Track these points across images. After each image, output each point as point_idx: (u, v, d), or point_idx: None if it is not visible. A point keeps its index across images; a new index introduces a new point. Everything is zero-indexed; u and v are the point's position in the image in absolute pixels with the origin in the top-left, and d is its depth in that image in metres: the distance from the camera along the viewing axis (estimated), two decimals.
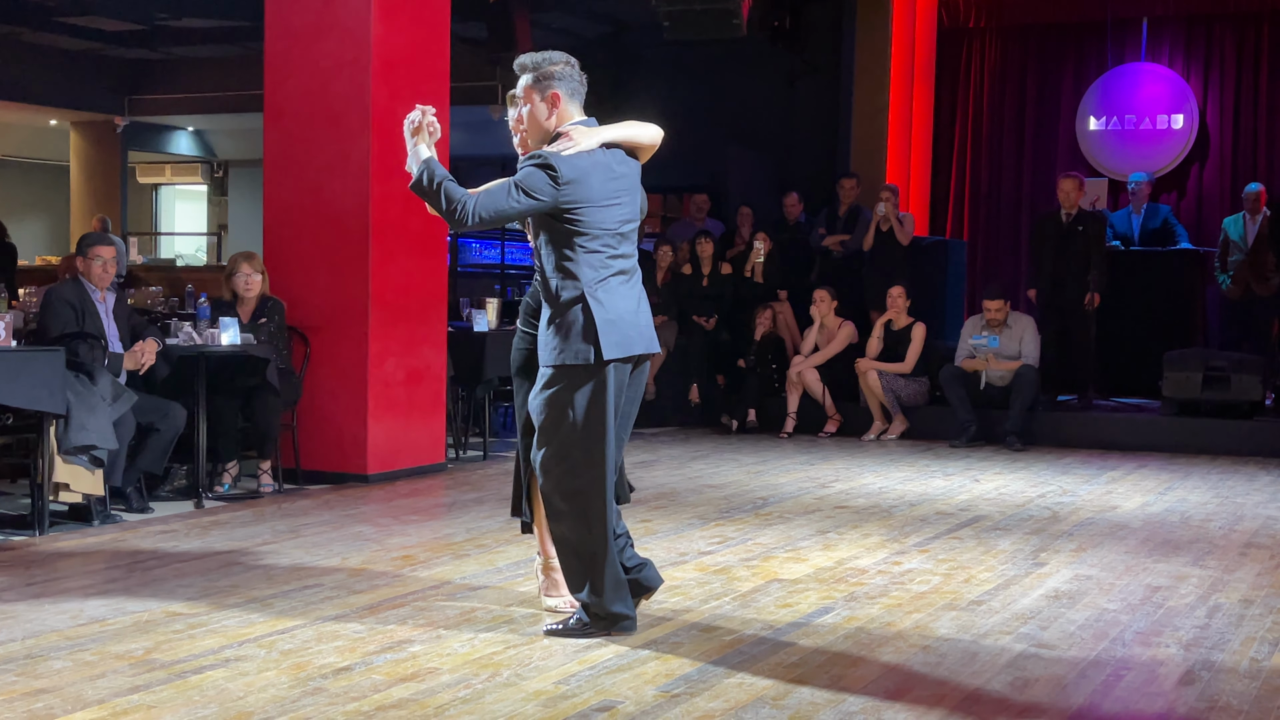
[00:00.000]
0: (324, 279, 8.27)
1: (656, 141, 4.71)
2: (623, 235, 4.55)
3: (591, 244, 4.46)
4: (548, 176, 4.38)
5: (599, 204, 4.46)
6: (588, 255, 4.46)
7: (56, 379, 6.30)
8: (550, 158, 4.40)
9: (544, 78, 4.55)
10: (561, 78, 4.56)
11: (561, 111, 4.56)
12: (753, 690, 4.06)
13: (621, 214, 4.54)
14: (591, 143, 4.49)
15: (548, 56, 4.59)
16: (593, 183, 4.45)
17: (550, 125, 4.56)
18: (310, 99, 8.29)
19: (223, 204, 22.34)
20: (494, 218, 4.42)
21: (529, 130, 4.63)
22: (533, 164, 4.42)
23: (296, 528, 6.69)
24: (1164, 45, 13.70)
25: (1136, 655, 4.54)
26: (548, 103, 4.55)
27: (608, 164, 4.52)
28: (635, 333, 4.52)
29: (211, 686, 4.01)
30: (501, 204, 4.38)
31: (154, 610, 4.94)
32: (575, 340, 4.43)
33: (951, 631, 4.80)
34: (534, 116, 4.58)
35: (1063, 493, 8.19)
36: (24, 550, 6.06)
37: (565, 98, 4.56)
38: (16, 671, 4.14)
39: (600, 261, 4.48)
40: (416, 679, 4.12)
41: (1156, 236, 12.14)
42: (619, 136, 4.59)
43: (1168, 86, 13.59)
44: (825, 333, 11.11)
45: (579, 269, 4.45)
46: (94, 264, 7.17)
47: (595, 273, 4.46)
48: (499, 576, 5.58)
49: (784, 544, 6.41)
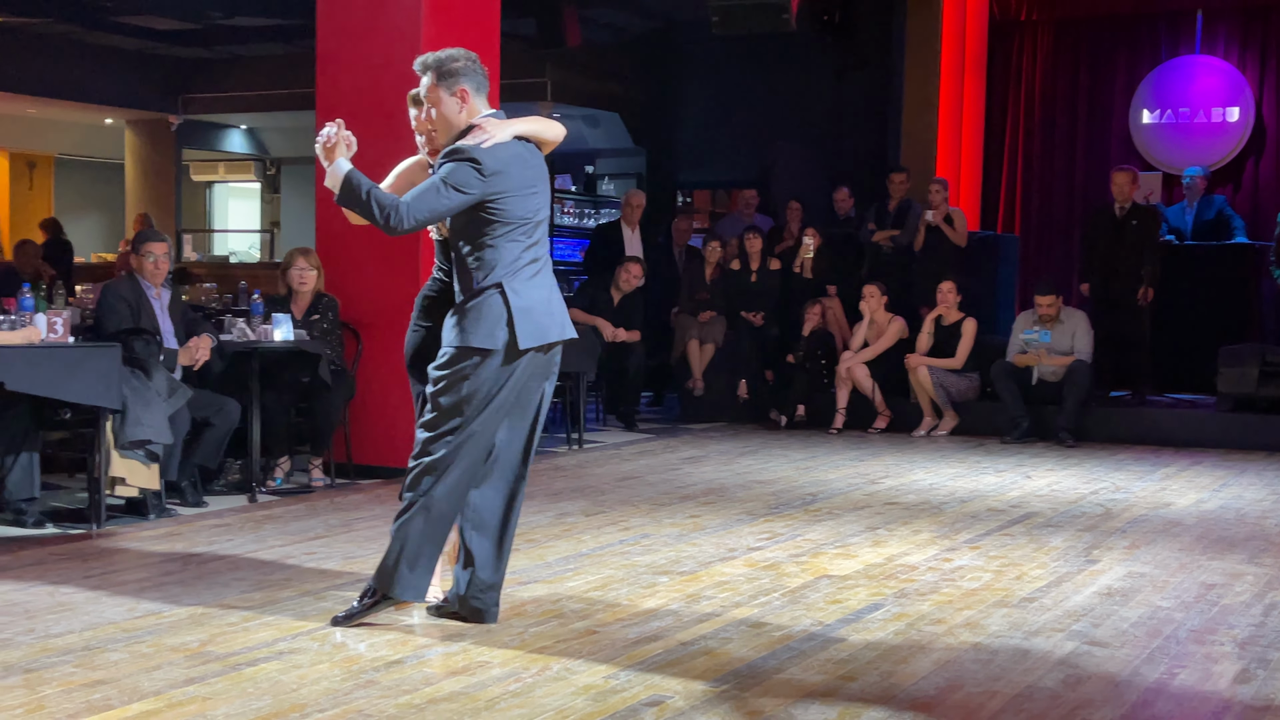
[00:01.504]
0: (376, 276, 8.32)
1: (559, 139, 4.79)
2: (537, 224, 4.60)
3: (509, 233, 4.50)
4: (474, 170, 4.41)
5: (519, 193, 4.51)
6: (506, 244, 4.50)
7: (113, 375, 6.37)
8: (472, 151, 4.43)
9: (448, 74, 4.57)
10: (465, 73, 4.59)
11: (470, 106, 4.59)
12: (802, 687, 4.06)
13: (537, 203, 4.59)
14: (506, 134, 4.53)
15: (449, 54, 4.60)
16: (513, 173, 4.49)
17: (461, 120, 4.59)
18: (361, 96, 8.34)
19: (275, 201, 22.50)
20: (429, 218, 4.46)
21: (439, 128, 4.65)
22: (455, 159, 4.44)
23: (348, 522, 6.74)
24: (1219, 37, 13.52)
25: (1190, 653, 4.50)
26: (456, 98, 4.58)
27: (523, 154, 4.57)
28: (549, 320, 4.58)
29: (265, 679, 4.05)
30: (433, 203, 4.42)
31: (209, 603, 4.99)
32: (487, 325, 4.46)
33: (1003, 629, 4.77)
34: (444, 114, 4.60)
35: (1116, 489, 8.13)
36: (81, 543, 6.14)
37: (472, 92, 4.59)
38: (75, 663, 4.20)
39: (516, 251, 4.52)
40: (467, 672, 4.14)
41: (1211, 230, 12.01)
42: (528, 130, 4.64)
43: (1223, 79, 13.41)
44: (875, 328, 11.07)
45: (496, 257, 4.49)
46: (146, 260, 7.25)
47: (511, 262, 4.51)
48: (548, 571, 5.60)
49: (833, 540, 6.40)
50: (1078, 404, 10.36)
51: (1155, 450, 10.07)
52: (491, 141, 4.48)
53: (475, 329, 4.48)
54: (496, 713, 3.76)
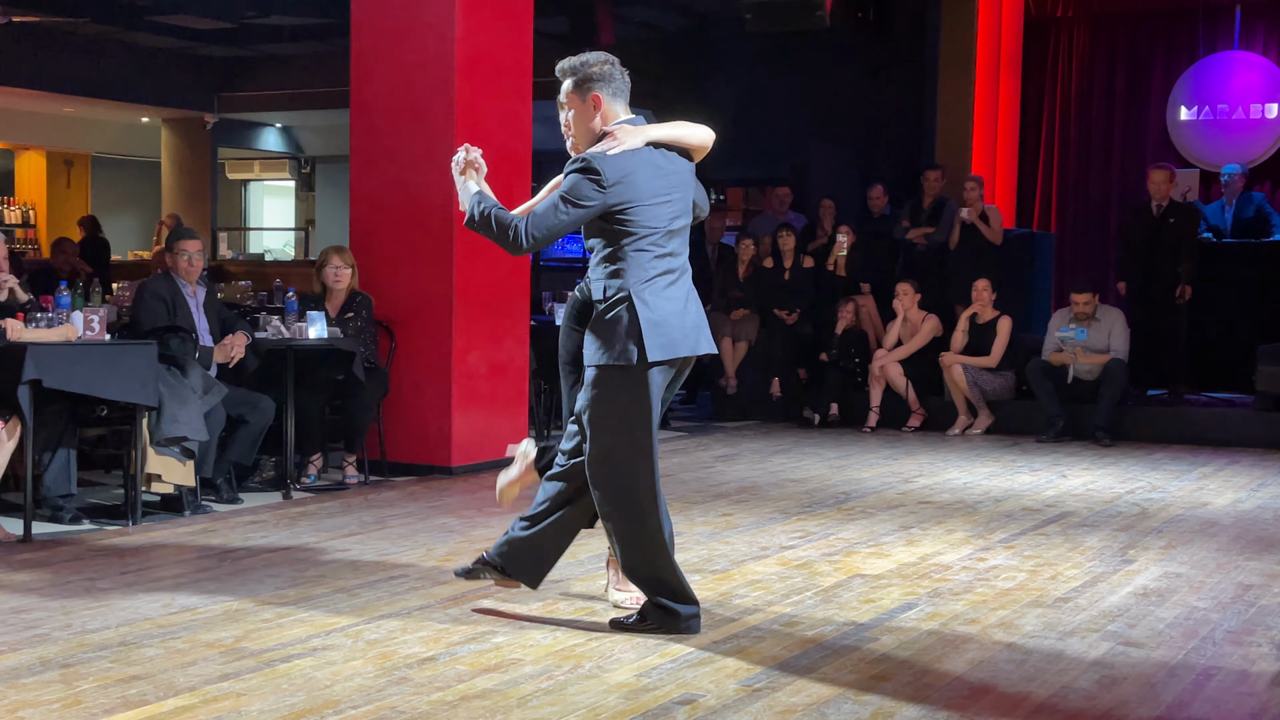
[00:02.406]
0: (409, 273, 8.35)
1: (707, 143, 4.65)
2: (672, 233, 4.48)
3: (639, 243, 4.41)
4: (591, 182, 4.35)
5: (646, 202, 4.41)
6: (635, 254, 4.42)
7: (149, 372, 6.42)
8: (593, 160, 4.37)
9: (584, 81, 4.52)
10: (602, 78, 4.52)
11: (605, 112, 4.53)
12: (834, 686, 4.05)
13: (671, 211, 4.48)
14: (636, 141, 4.44)
15: (585, 60, 4.55)
16: (639, 181, 4.40)
17: (596, 127, 4.52)
18: (396, 95, 8.38)
19: (310, 199, 22.61)
20: (547, 235, 4.37)
21: (576, 134, 4.60)
22: (575, 170, 4.39)
23: (382, 519, 6.77)
24: (1258, 33, 13.42)
25: (1227, 655, 4.47)
26: (590, 105, 4.53)
27: (654, 161, 4.47)
28: (680, 334, 4.46)
29: (299, 675, 4.07)
30: (551, 221, 4.36)
31: (243, 600, 5.02)
32: (619, 341, 4.39)
33: (1037, 629, 4.75)
34: (579, 120, 4.56)
35: (1152, 489, 8.07)
36: (118, 539, 6.19)
37: (608, 99, 4.52)
38: (111, 658, 4.23)
39: (647, 261, 4.43)
40: (500, 669, 4.15)
41: (1250, 227, 11.91)
42: (665, 135, 4.53)
43: (1262, 75, 13.31)
44: (909, 326, 11.03)
45: (626, 268, 4.42)
46: (180, 258, 7.30)
47: (642, 272, 4.42)
48: (581, 569, 5.61)
49: (866, 539, 6.38)
50: (1114, 403, 10.29)
51: (1192, 449, 9.99)
52: (618, 149, 4.40)
53: (607, 345, 4.41)
54: (529, 710, 3.77)
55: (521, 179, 8.77)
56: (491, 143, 8.46)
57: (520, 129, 8.73)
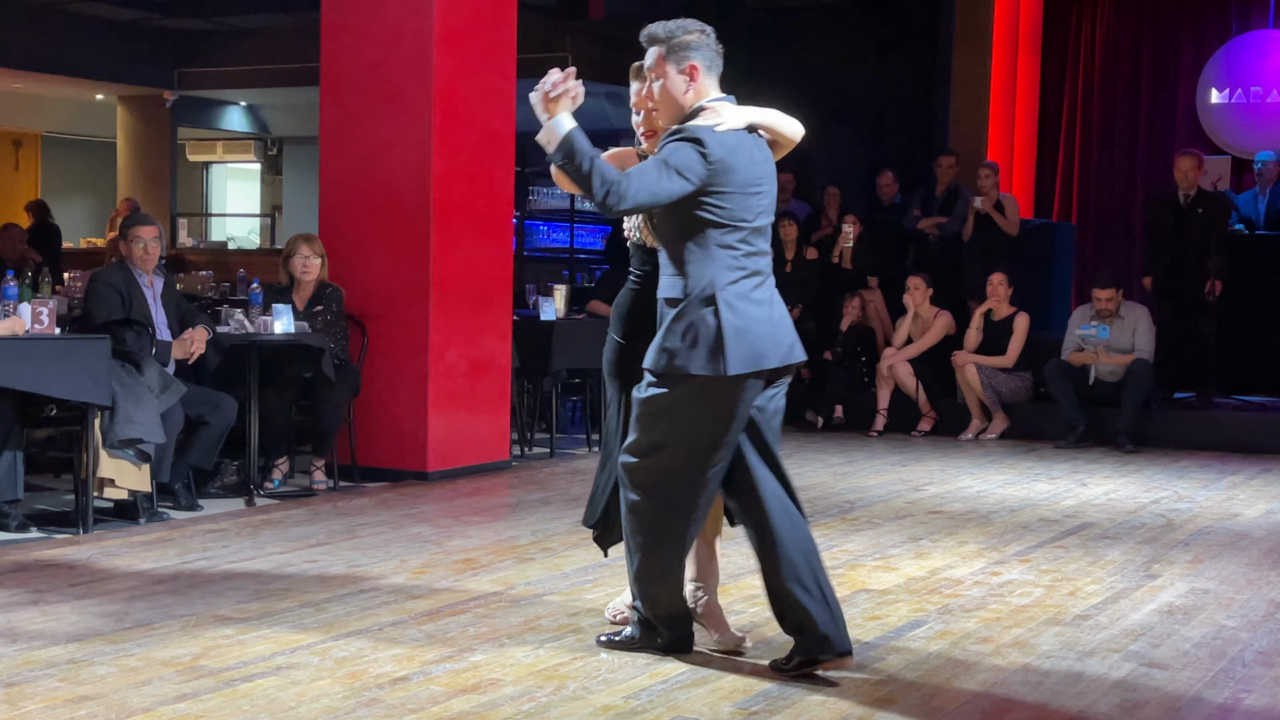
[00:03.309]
0: (382, 263, 8.35)
1: (796, 138, 4.46)
2: (757, 229, 4.28)
3: (727, 238, 4.20)
4: (699, 154, 4.13)
5: (741, 190, 4.21)
6: (722, 251, 4.21)
7: (102, 368, 6.41)
8: (698, 131, 4.17)
9: (679, 48, 4.31)
10: (698, 47, 4.33)
11: (699, 86, 4.32)
12: (836, 710, 4.05)
13: (761, 204, 4.28)
14: (739, 121, 4.26)
15: (681, 24, 4.34)
16: (738, 165, 4.20)
17: (688, 101, 4.32)
18: (369, 72, 8.37)
19: (277, 183, 22.60)
20: (649, 201, 4.12)
21: (661, 107, 4.38)
22: (678, 139, 4.18)
23: (352, 528, 6.77)
24: None
25: (1258, 678, 4.48)
26: (685, 75, 4.31)
27: (751, 148, 4.28)
28: (769, 344, 4.25)
29: (262, 695, 4.07)
30: (654, 185, 4.10)
31: (202, 614, 5.01)
32: (699, 347, 4.16)
33: (1054, 649, 4.76)
34: (668, 91, 4.33)
35: (1178, 499, 8.09)
36: (68, 549, 6.17)
37: (703, 70, 4.33)
38: (59, 677, 4.22)
39: (735, 260, 4.22)
40: (477, 690, 4.15)
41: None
42: (766, 121, 4.36)
43: None
44: (920, 323, 11.05)
45: (710, 266, 4.20)
46: (135, 246, 7.28)
47: (728, 272, 4.21)
48: (565, 582, 5.61)
49: (872, 551, 6.39)
50: (1138, 406, 10.32)
51: (1221, 457, 10.02)
52: (724, 127, 4.22)
53: (683, 351, 4.18)
54: None
55: (505, 162, 8.78)
56: (472, 123, 8.50)
57: (503, 108, 8.73)
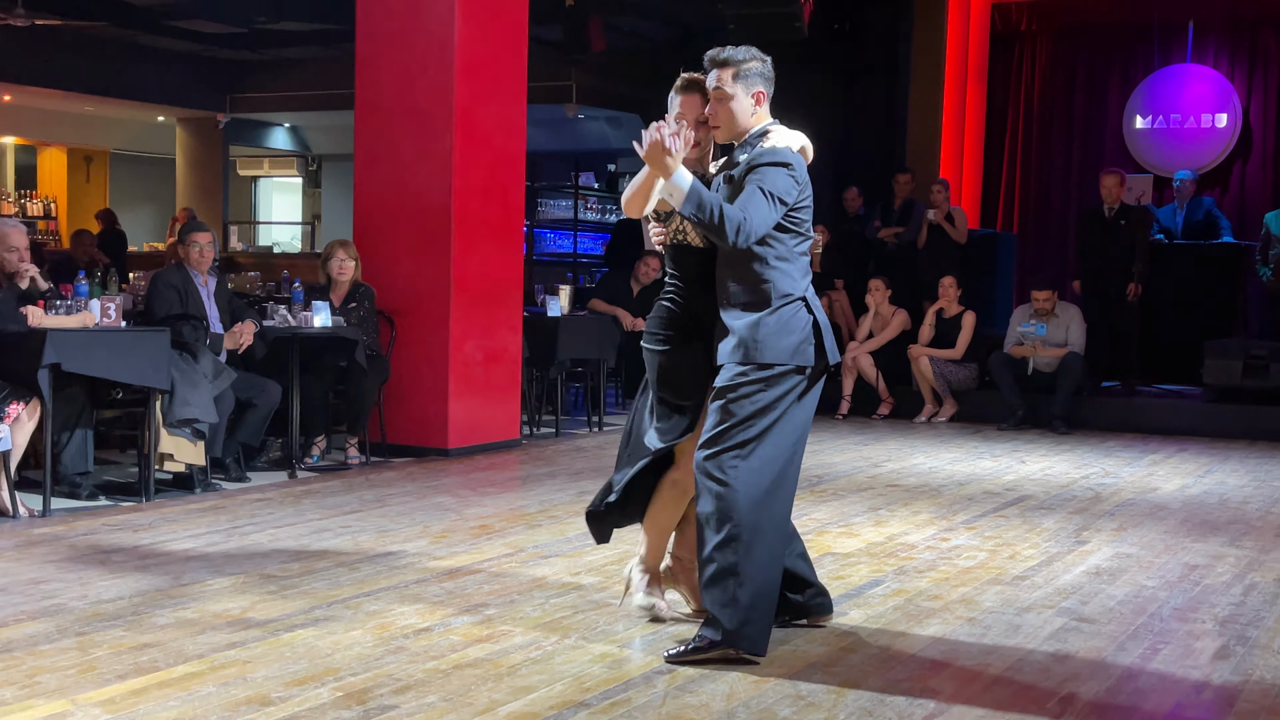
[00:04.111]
0: (409, 266, 8.33)
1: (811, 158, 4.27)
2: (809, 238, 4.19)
3: (800, 245, 4.09)
4: (790, 178, 4.00)
5: (809, 204, 4.11)
6: (798, 255, 4.08)
7: (162, 357, 6.39)
8: (786, 155, 4.03)
9: (750, 73, 4.12)
10: (764, 75, 4.15)
11: (761, 111, 4.17)
12: (806, 657, 4.05)
13: (811, 216, 4.17)
14: (797, 143, 4.14)
15: (753, 52, 4.15)
16: (807, 182, 4.09)
17: (752, 122, 4.14)
18: (398, 98, 8.35)
19: (316, 195, 22.53)
20: (765, 232, 3.95)
21: (725, 125, 4.15)
22: (771, 164, 4.00)
23: (382, 498, 6.76)
24: (1209, 47, 13.43)
25: (1173, 630, 4.48)
26: (754, 99, 4.13)
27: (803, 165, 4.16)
28: (831, 340, 4.15)
29: (302, 644, 4.06)
30: (769, 215, 3.94)
31: (249, 573, 5.01)
32: (797, 341, 4.02)
33: (996, 604, 4.76)
34: (737, 112, 4.12)
35: (1105, 474, 8.09)
36: (132, 515, 6.17)
37: (767, 96, 4.18)
38: (124, 627, 4.22)
39: (804, 265, 4.12)
40: (491, 640, 4.15)
41: (1200, 230, 11.93)
42: (805, 145, 4.19)
43: (1212, 86, 13.32)
44: (879, 320, 11.04)
45: (793, 270, 4.06)
46: (192, 249, 7.27)
47: (804, 276, 4.11)
48: (569, 546, 5.61)
49: (837, 519, 6.39)
50: (1070, 393, 10.32)
51: (1143, 438, 10.02)
52: (796, 148, 4.10)
53: (787, 347, 4.00)
54: (518, 678, 3.77)
55: (517, 177, 8.76)
56: (489, 144, 8.47)
57: (516, 130, 8.71)
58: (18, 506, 6.04)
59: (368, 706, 3.50)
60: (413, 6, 8.28)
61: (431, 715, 3.44)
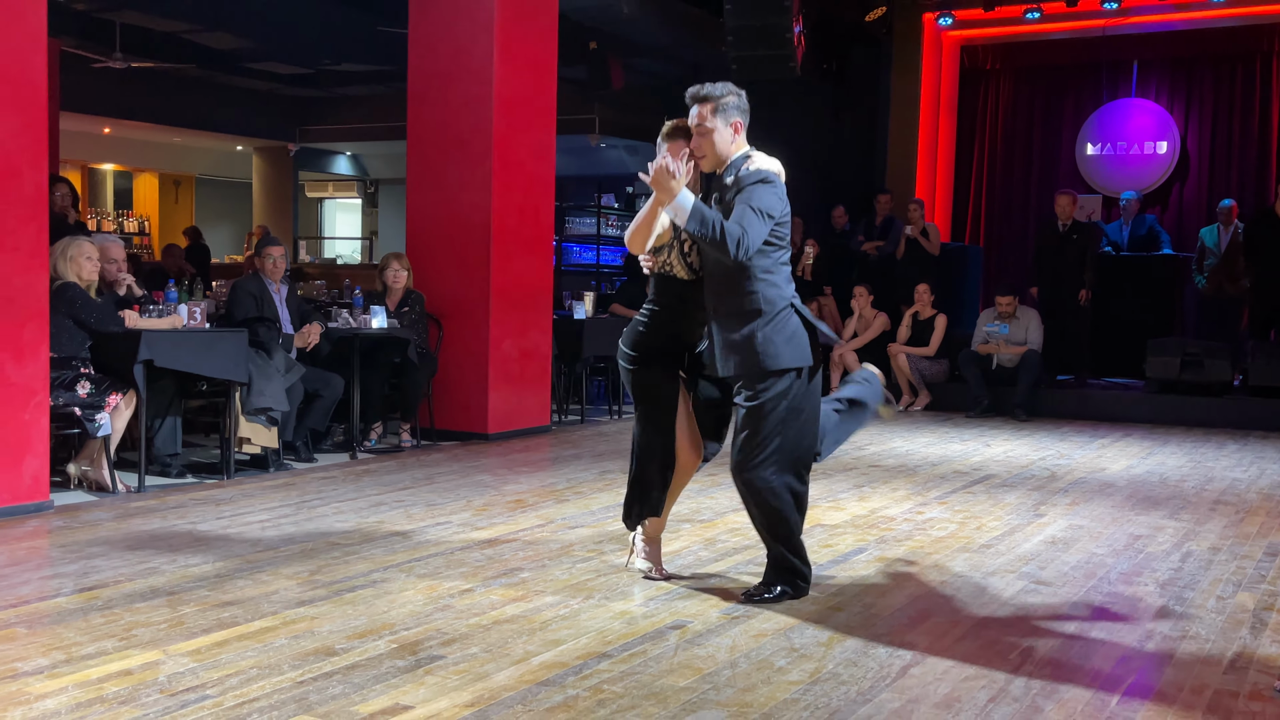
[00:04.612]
0: (454, 275, 8.34)
1: None
2: None
3: (783, 255, 4.06)
4: (777, 195, 3.96)
5: (789, 218, 4.07)
6: (782, 267, 4.05)
7: (241, 354, 6.41)
8: (770, 174, 3.98)
9: (727, 106, 4.06)
10: (740, 107, 4.10)
11: (740, 139, 4.11)
12: (799, 614, 4.05)
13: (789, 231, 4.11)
14: (774, 168, 4.09)
15: (729, 87, 4.08)
16: (787, 199, 4.06)
17: (732, 150, 4.09)
18: (444, 129, 8.36)
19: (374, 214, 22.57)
20: (759, 243, 3.91)
21: (709, 155, 4.09)
22: (758, 182, 3.95)
23: (431, 476, 6.77)
24: (1151, 83, 13.36)
25: (1120, 592, 4.46)
26: (732, 129, 4.08)
27: None
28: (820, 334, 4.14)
29: (362, 602, 4.07)
30: (763, 229, 3.90)
31: (316, 541, 5.02)
32: (797, 343, 4.01)
33: (965, 569, 4.75)
34: (719, 141, 4.06)
35: (1060, 456, 8.06)
36: (215, 491, 6.19)
37: (742, 126, 4.11)
38: (209, 588, 4.24)
39: (787, 274, 4.08)
40: (525, 599, 4.16)
41: (1143, 243, 11.88)
42: (779, 169, 4.15)
43: (1154, 118, 13.26)
44: (863, 322, 11.02)
45: (778, 280, 4.02)
46: (266, 261, 7.29)
47: (789, 284, 4.07)
48: (593, 518, 5.61)
49: (826, 495, 6.38)
50: (1030, 386, 10.28)
51: (1093, 425, 9.98)
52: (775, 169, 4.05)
53: (786, 349, 3.99)
54: (549, 632, 3.77)
55: (547, 198, 8.76)
56: (522, 169, 8.48)
57: (546, 157, 8.71)
58: (117, 483, 6.06)
59: (419, 656, 3.50)
60: (457, 50, 8.28)
61: (474, 664, 3.45)
